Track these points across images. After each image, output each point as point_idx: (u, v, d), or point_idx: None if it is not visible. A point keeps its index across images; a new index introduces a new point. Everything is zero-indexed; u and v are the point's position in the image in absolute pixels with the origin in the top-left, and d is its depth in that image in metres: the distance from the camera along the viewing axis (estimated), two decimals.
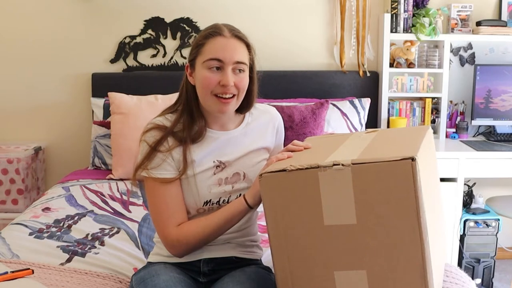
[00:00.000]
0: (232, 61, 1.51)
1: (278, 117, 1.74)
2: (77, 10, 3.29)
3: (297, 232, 1.30)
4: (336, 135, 1.72)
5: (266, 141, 1.68)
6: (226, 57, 1.50)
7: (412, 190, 1.19)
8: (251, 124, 1.66)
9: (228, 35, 1.53)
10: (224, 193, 1.58)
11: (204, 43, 1.53)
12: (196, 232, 1.51)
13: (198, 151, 1.56)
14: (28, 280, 1.71)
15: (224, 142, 1.60)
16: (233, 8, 3.29)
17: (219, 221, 1.50)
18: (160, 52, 3.34)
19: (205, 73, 1.51)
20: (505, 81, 3.24)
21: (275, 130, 1.71)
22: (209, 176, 1.57)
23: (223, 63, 1.50)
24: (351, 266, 1.28)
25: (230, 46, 1.52)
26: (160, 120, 1.58)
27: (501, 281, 3.20)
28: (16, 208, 3.06)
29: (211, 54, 1.51)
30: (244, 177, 1.60)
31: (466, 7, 3.25)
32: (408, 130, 1.68)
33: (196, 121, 1.57)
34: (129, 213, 2.36)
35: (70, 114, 3.37)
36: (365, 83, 3.31)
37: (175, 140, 1.54)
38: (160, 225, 1.54)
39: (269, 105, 1.77)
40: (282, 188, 1.29)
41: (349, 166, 1.23)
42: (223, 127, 1.61)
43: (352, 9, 3.30)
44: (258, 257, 1.70)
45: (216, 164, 1.58)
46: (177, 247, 1.54)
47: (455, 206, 2.98)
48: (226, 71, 1.50)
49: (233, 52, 1.52)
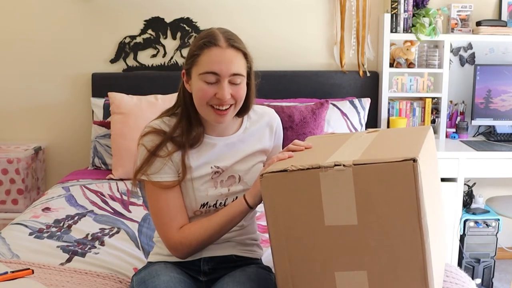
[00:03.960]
0: (229, 73, 1.47)
1: (277, 118, 1.73)
2: (77, 10, 3.29)
3: (298, 232, 1.30)
4: (337, 135, 1.71)
5: (264, 143, 1.67)
6: (222, 70, 1.46)
7: (414, 191, 1.19)
8: (250, 129, 1.65)
9: (224, 45, 1.47)
10: (221, 195, 1.58)
11: (200, 54, 1.49)
12: (199, 234, 1.51)
13: (196, 156, 1.56)
14: (28, 280, 1.71)
15: (222, 148, 1.60)
16: (233, 8, 3.29)
17: (221, 222, 1.50)
18: (160, 52, 3.34)
19: (201, 85, 1.49)
20: (505, 81, 3.24)
21: (273, 132, 1.70)
22: (207, 180, 1.57)
23: (219, 76, 1.47)
24: (351, 267, 1.27)
25: (227, 58, 1.47)
26: (158, 123, 1.57)
27: (501, 281, 3.20)
28: (16, 208, 3.06)
29: (207, 67, 1.47)
30: (240, 179, 1.60)
31: (466, 7, 3.24)
32: (409, 130, 1.68)
33: (194, 127, 1.56)
34: (129, 213, 2.36)
35: (70, 114, 3.37)
36: (365, 83, 3.31)
37: (174, 145, 1.54)
38: (163, 228, 1.54)
39: (267, 107, 1.76)
40: (283, 188, 1.29)
41: (350, 166, 1.22)
42: (222, 133, 1.61)
43: (352, 9, 3.30)
44: (258, 256, 1.70)
45: (214, 170, 1.58)
46: (180, 250, 1.54)
47: (455, 206, 2.98)
48: (223, 85, 1.47)
49: (230, 64, 1.47)
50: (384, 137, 1.49)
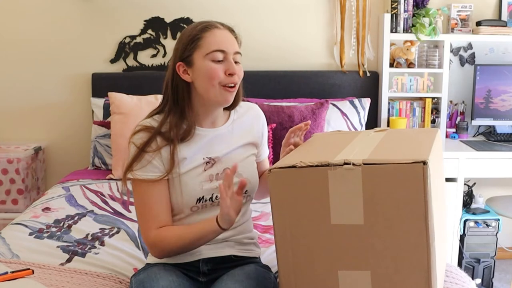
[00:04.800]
0: (233, 51, 1.55)
1: (262, 114, 1.78)
2: (77, 10, 3.29)
3: (303, 229, 1.29)
4: (344, 133, 1.71)
5: (254, 136, 1.70)
6: (228, 47, 1.54)
7: (422, 194, 1.18)
8: (237, 121, 1.68)
9: (222, 27, 1.57)
10: (216, 189, 1.58)
11: (202, 37, 1.53)
12: (173, 242, 1.52)
13: (187, 149, 1.57)
14: (28, 280, 1.71)
15: (213, 139, 1.61)
16: (233, 8, 3.29)
17: (194, 237, 1.50)
18: (160, 52, 3.34)
19: (210, 64, 1.52)
20: (505, 81, 3.24)
21: (260, 127, 1.74)
22: (200, 173, 1.57)
23: (226, 54, 1.54)
24: (355, 266, 1.27)
25: (229, 37, 1.56)
26: (148, 121, 1.58)
27: (501, 281, 3.19)
28: (16, 208, 3.06)
29: (215, 46, 1.53)
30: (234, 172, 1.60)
31: (466, 7, 3.25)
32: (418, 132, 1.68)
33: (185, 120, 1.57)
34: (129, 213, 2.36)
35: (70, 114, 3.37)
36: (365, 83, 3.31)
37: (163, 140, 1.55)
38: (142, 225, 1.56)
39: (251, 103, 1.80)
40: (290, 184, 1.28)
41: (360, 166, 1.22)
42: (213, 124, 1.63)
43: (352, 9, 3.30)
44: (256, 255, 1.70)
45: (206, 161, 1.59)
46: (153, 250, 1.55)
47: (455, 206, 2.98)
48: (231, 61, 1.54)
49: (233, 42, 1.56)
50: (392, 137, 1.49)
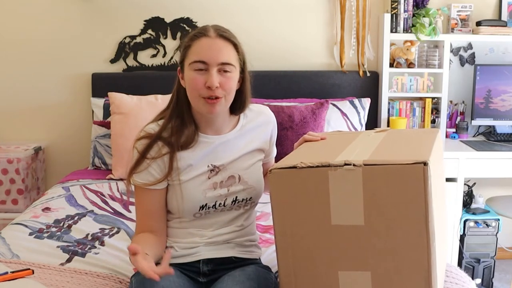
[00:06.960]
0: (217, 62, 1.49)
1: (273, 117, 1.73)
2: (77, 10, 3.29)
3: (304, 229, 1.29)
4: (345, 133, 1.70)
5: (261, 142, 1.67)
6: (210, 58, 1.48)
7: (422, 195, 1.18)
8: (246, 126, 1.65)
9: (213, 35, 1.50)
10: (220, 196, 1.57)
11: (190, 45, 1.52)
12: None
13: (191, 156, 1.56)
14: (28, 280, 1.71)
15: (219, 146, 1.59)
16: (233, 8, 3.29)
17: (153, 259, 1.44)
18: (160, 52, 3.34)
19: (191, 74, 1.50)
20: (505, 81, 3.24)
21: (269, 132, 1.70)
22: (204, 181, 1.56)
23: (208, 65, 1.49)
24: (355, 267, 1.27)
25: (215, 47, 1.49)
26: (152, 127, 1.57)
27: (501, 281, 3.19)
28: (16, 208, 3.06)
29: (196, 56, 1.49)
30: (239, 179, 1.60)
31: (466, 7, 3.24)
32: (418, 132, 1.68)
33: (186, 126, 1.56)
34: (129, 213, 2.36)
35: (70, 114, 3.37)
36: (365, 83, 3.31)
37: (165, 146, 1.54)
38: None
39: (263, 106, 1.76)
40: (291, 184, 1.28)
41: (361, 166, 1.22)
42: (218, 131, 1.60)
43: (352, 9, 3.30)
44: (257, 257, 1.70)
45: (210, 169, 1.57)
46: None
47: (455, 206, 2.98)
48: (211, 72, 1.48)
49: (218, 53, 1.49)
50: (393, 138, 1.48)
